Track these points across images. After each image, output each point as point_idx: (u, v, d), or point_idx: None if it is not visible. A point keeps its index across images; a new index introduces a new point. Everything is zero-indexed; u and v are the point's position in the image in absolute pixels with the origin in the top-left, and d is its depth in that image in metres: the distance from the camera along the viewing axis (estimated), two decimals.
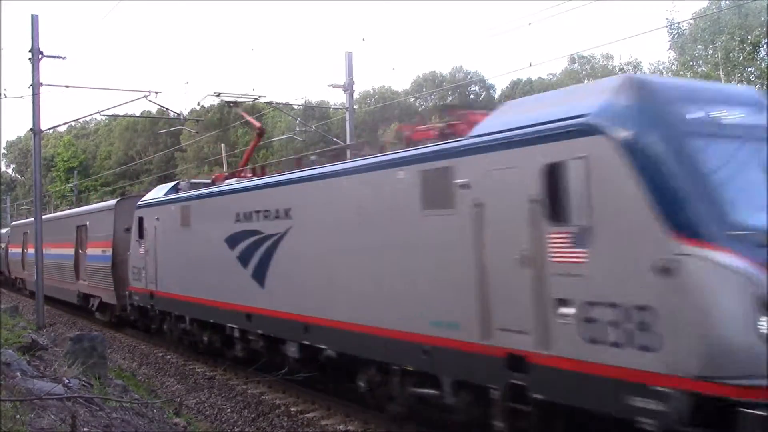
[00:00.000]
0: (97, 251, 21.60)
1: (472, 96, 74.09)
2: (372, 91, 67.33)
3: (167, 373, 15.21)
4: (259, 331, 12.15)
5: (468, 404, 8.04)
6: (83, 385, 8.77)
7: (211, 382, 13.76)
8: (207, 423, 11.04)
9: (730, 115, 6.65)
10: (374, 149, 10.94)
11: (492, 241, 7.41)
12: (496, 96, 72.20)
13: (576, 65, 61.59)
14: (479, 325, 7.57)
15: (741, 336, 5.53)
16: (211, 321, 13.91)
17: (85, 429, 6.28)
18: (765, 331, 5.51)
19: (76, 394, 7.52)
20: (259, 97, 19.28)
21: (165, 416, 9.20)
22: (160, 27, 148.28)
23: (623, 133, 6.16)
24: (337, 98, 61.55)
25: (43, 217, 22.56)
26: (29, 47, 19.62)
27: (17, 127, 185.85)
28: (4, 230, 41.94)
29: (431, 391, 8.50)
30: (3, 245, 39.81)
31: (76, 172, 79.14)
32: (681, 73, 36.99)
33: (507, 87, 69.81)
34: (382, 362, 9.26)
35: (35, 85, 19.51)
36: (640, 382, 6.00)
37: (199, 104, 59.08)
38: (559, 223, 6.66)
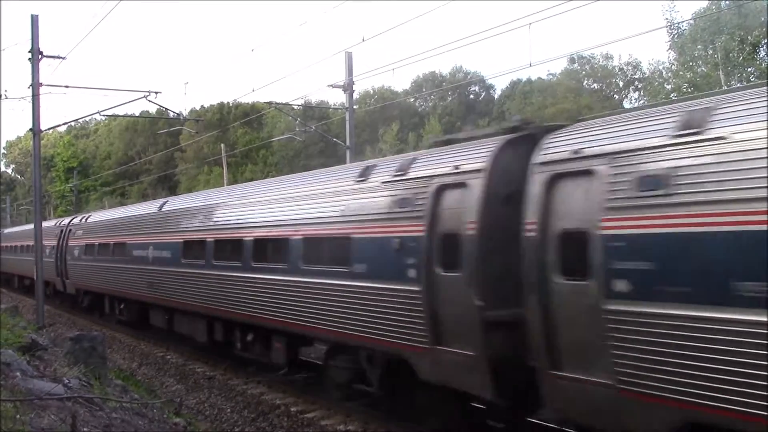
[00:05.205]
0: None
1: (472, 96, 74.04)
2: (372, 91, 67.35)
3: (167, 373, 15.22)
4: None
5: None
6: (83, 385, 8.75)
7: (211, 382, 13.77)
8: (207, 423, 11.05)
9: None
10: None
11: None
12: (496, 96, 72.16)
13: (576, 65, 61.59)
14: None
15: None
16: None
17: (85, 429, 6.28)
18: None
19: (76, 394, 7.51)
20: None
21: (165, 416, 9.17)
22: (159, 27, 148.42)
23: None
24: (337, 98, 61.49)
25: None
26: (29, 47, 19.63)
27: (17, 127, 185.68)
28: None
29: None
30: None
31: (75, 172, 79.20)
32: (681, 73, 36.96)
33: (507, 87, 69.83)
34: None
35: (35, 86, 19.51)
36: None
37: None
38: None
